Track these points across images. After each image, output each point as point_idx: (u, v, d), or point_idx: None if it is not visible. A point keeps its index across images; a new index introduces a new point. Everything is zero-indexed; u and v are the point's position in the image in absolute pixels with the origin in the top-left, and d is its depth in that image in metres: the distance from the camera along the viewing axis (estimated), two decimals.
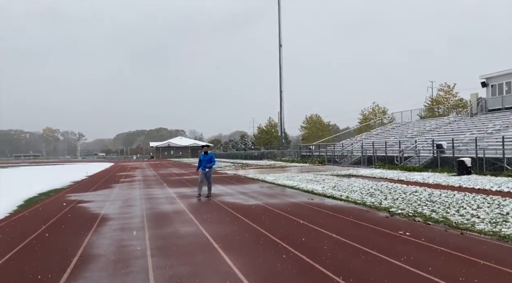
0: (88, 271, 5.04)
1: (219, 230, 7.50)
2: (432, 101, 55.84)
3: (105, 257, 5.73)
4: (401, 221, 7.89)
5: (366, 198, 11.08)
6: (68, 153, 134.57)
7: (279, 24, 52.36)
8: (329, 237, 6.66)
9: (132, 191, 15.58)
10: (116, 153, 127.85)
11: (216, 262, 5.34)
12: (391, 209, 9.20)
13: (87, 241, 6.80)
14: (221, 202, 11.48)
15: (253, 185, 16.92)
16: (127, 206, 11.32)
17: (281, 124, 55.00)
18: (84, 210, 10.71)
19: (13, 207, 11.39)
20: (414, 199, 10.70)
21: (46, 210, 10.70)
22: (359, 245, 6.00)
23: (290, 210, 9.61)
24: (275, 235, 6.85)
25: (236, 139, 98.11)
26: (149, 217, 9.26)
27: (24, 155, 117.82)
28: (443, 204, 9.67)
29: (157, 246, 6.34)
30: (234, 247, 6.13)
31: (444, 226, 7.25)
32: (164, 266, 5.20)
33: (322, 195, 12.27)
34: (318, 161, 37.09)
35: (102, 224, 8.46)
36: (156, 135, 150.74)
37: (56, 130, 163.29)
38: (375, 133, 43.94)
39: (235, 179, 20.67)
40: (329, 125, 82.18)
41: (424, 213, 8.53)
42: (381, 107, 66.15)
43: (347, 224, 7.77)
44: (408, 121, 43.70)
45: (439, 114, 48.85)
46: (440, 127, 34.84)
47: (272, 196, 12.75)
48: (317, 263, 5.15)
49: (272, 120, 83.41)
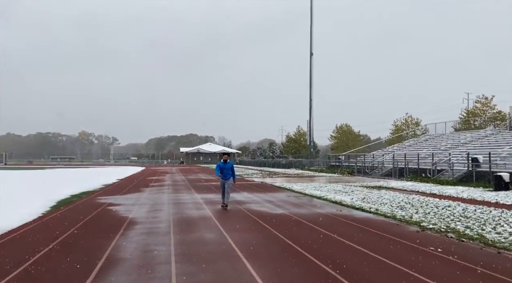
0: (112, 275, 5.08)
1: (243, 238, 7.43)
2: (468, 113, 54.08)
3: (130, 261, 5.77)
4: (432, 237, 7.58)
5: (396, 211, 10.75)
6: (102, 156, 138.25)
7: (311, 33, 52.29)
8: (356, 250, 6.46)
9: (161, 195, 15.77)
10: (147, 157, 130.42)
11: (239, 271, 5.27)
12: (422, 223, 8.88)
13: (113, 244, 6.89)
14: (247, 210, 11.42)
15: (280, 193, 16.79)
16: (155, 210, 11.44)
17: (310, 133, 54.62)
18: (113, 213, 10.90)
19: (46, 207, 11.73)
20: (447, 213, 10.29)
21: (76, 212, 10.96)
22: (387, 260, 5.79)
23: (317, 221, 9.44)
24: (300, 246, 6.72)
25: (264, 147, 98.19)
26: (176, 222, 9.31)
27: (60, 157, 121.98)
28: (478, 220, 9.25)
29: (182, 252, 6.34)
30: (258, 256, 6.04)
31: (479, 244, 6.91)
32: (187, 272, 5.18)
33: (351, 207, 12.01)
34: (347, 171, 36.52)
35: (129, 227, 8.57)
36: (186, 141, 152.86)
37: (91, 134, 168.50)
38: (407, 144, 42.92)
39: (262, 187, 20.59)
40: (359, 136, 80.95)
41: (457, 229, 8.17)
42: (414, 118, 64.67)
43: (375, 237, 7.54)
44: (442, 133, 42.47)
45: (475, 127, 47.21)
46: (476, 140, 33.64)
47: (299, 205, 12.58)
48: (342, 276, 4.99)
49: (301, 129, 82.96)
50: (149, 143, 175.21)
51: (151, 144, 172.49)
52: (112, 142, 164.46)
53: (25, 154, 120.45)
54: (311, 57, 52.36)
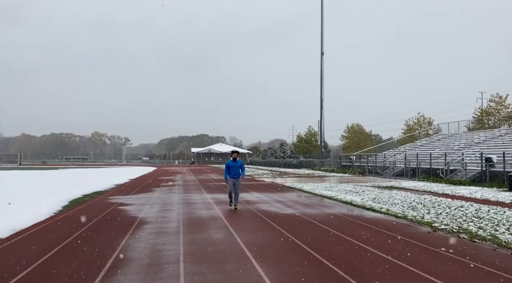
0: (121, 274, 5.11)
1: (253, 238, 7.42)
2: (481, 112, 53.27)
3: (139, 260, 5.80)
4: (444, 237, 7.47)
5: (407, 212, 10.63)
6: (114, 157, 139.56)
7: (322, 32, 52.04)
8: (365, 250, 6.40)
9: (171, 195, 15.84)
10: (159, 157, 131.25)
11: (248, 271, 5.26)
12: (434, 224, 8.76)
13: (123, 243, 6.93)
14: (256, 210, 11.41)
15: (290, 193, 16.74)
16: (165, 210, 11.49)
17: (321, 133, 54.39)
18: (123, 212, 10.98)
19: (58, 207, 11.87)
20: (460, 214, 10.15)
21: (88, 211, 11.06)
22: (398, 261, 5.72)
23: (327, 221, 9.38)
24: (309, 246, 6.68)
25: (275, 147, 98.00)
26: (185, 222, 9.33)
27: (74, 158, 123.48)
28: (491, 220, 9.09)
29: (191, 251, 6.35)
30: (267, 256, 6.02)
31: (492, 245, 6.79)
32: (196, 272, 5.18)
33: (361, 207, 11.91)
34: (358, 171, 36.28)
35: (139, 227, 8.62)
36: (197, 141, 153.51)
37: (103, 135, 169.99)
38: (420, 144, 42.47)
39: (272, 187, 20.55)
40: (371, 135, 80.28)
41: (470, 229, 8.05)
42: (427, 117, 63.93)
43: (385, 238, 7.46)
44: (455, 133, 41.92)
45: (489, 126, 46.47)
46: (490, 140, 33.13)
47: (309, 205, 12.53)
48: (351, 277, 4.94)
49: (311, 129, 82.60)
50: (161, 143, 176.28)
51: (163, 144, 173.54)
52: (124, 142, 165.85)
53: (39, 154, 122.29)
54: (321, 57, 52.12)
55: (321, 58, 52.10)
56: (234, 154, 11.72)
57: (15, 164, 76.97)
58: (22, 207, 11.29)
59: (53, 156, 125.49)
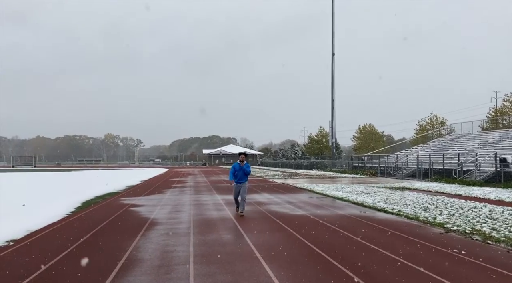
0: (131, 275, 5.15)
1: (263, 239, 7.42)
2: (496, 112, 52.46)
3: (150, 261, 5.84)
4: (456, 238, 7.37)
5: (419, 213, 10.52)
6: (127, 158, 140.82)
7: (332, 33, 51.84)
8: (376, 252, 6.35)
9: (182, 197, 15.92)
10: (171, 159, 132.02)
11: (257, 272, 5.26)
12: (446, 225, 8.65)
13: (134, 244, 6.99)
14: (267, 211, 11.40)
15: (301, 194, 16.69)
16: (176, 211, 11.56)
17: (332, 134, 54.11)
18: (135, 214, 11.07)
19: (71, 208, 12.02)
20: (473, 215, 10.00)
21: (100, 213, 11.18)
22: (408, 263, 5.66)
23: (338, 223, 9.33)
24: (320, 248, 6.65)
25: (286, 148, 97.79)
26: (196, 223, 9.38)
27: (87, 160, 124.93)
28: (505, 222, 8.95)
29: (201, 252, 6.37)
30: (277, 257, 6.01)
31: (506, 247, 6.68)
32: (205, 273, 5.20)
33: (373, 208, 11.82)
34: (370, 172, 36.01)
35: (150, 228, 8.68)
36: (209, 142, 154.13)
37: (116, 137, 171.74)
38: (432, 145, 42.02)
39: (283, 188, 20.52)
40: (383, 136, 79.68)
41: (483, 231, 7.93)
42: (440, 117, 63.24)
43: (397, 239, 7.39)
44: (468, 133, 41.39)
45: (503, 126, 45.72)
46: (504, 140, 32.61)
47: (320, 206, 12.48)
48: (362, 279, 4.91)
49: (323, 129, 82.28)
50: (173, 145, 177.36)
51: (174, 145, 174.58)
52: (136, 144, 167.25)
53: (53, 156, 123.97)
54: (332, 57, 51.90)
55: (332, 59, 51.89)
56: (242, 156, 10.52)
57: (30, 165, 78.21)
58: (36, 208, 11.47)
59: (67, 157, 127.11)
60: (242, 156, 10.49)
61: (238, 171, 10.37)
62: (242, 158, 10.45)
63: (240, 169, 10.36)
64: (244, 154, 10.66)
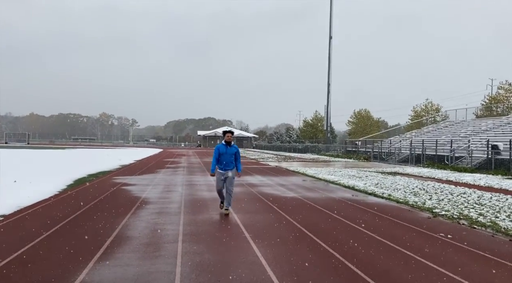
0: (120, 252, 5.19)
1: (252, 219, 7.48)
2: (490, 99, 52.60)
3: (139, 239, 5.88)
4: (444, 223, 7.48)
5: (409, 197, 10.63)
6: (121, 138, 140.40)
7: (330, 16, 51.31)
8: (365, 234, 6.43)
9: (175, 177, 15.95)
10: (165, 139, 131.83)
11: (245, 252, 5.31)
12: (435, 210, 8.76)
13: (124, 222, 7.02)
14: (258, 193, 11.47)
15: (294, 177, 16.78)
16: (168, 191, 11.59)
17: (327, 118, 54.14)
18: (126, 192, 11.09)
19: (63, 186, 12.01)
20: (461, 200, 10.13)
21: (91, 191, 11.19)
22: (393, 244, 5.75)
23: (328, 205, 9.42)
24: (308, 229, 6.72)
25: (281, 132, 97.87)
26: (187, 203, 9.42)
27: (81, 138, 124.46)
28: (492, 208, 9.07)
29: (190, 232, 6.42)
30: (265, 238, 6.07)
31: (491, 231, 6.79)
32: (194, 252, 5.25)
33: (364, 192, 11.92)
34: (363, 157, 36.20)
35: (141, 207, 8.71)
36: (204, 124, 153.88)
37: (111, 116, 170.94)
38: (426, 131, 42.20)
39: (276, 170, 20.61)
40: (378, 121, 79.86)
41: (470, 216, 8.04)
42: (435, 104, 63.38)
43: (384, 222, 7.48)
44: (462, 120, 41.56)
45: (497, 113, 45.93)
46: (497, 127, 32.81)
47: (311, 189, 12.56)
48: (347, 260, 4.98)
49: (318, 113, 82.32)
50: (168, 126, 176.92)
51: (169, 126, 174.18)
52: (131, 124, 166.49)
53: (47, 134, 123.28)
54: (330, 41, 51.50)
55: (329, 42, 51.52)
56: (228, 135, 8.07)
57: (23, 143, 77.75)
58: (27, 185, 11.44)
59: (61, 135, 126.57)
60: (229, 135, 8.06)
61: (224, 155, 7.99)
62: (229, 137, 8.06)
63: (226, 152, 8.00)
64: (230, 132, 8.18)
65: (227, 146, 8.01)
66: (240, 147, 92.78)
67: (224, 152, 7.99)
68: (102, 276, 4.25)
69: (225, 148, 8.00)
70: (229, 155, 8.01)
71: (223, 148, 8.01)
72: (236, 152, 8.12)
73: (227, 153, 7.99)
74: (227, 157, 8.00)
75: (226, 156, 7.99)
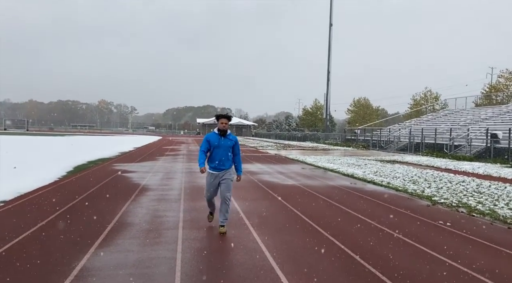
0: (120, 238, 5.21)
1: (252, 207, 7.51)
2: (490, 88, 52.44)
3: (139, 225, 5.90)
4: (443, 211, 7.52)
5: (408, 185, 10.67)
6: (120, 125, 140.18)
7: (331, 3, 50.81)
8: (363, 222, 6.47)
9: (175, 164, 15.97)
10: (165, 127, 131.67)
11: (245, 238, 5.34)
12: (434, 197, 8.79)
13: (124, 209, 7.04)
14: (258, 180, 11.49)
15: (293, 165, 16.81)
16: (168, 178, 11.61)
17: (327, 106, 54.04)
18: (126, 179, 11.11)
19: (62, 172, 12.02)
20: (460, 188, 10.17)
21: (91, 177, 11.20)
22: (392, 231, 5.78)
23: (327, 193, 9.45)
24: (307, 216, 6.75)
25: (281, 120, 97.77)
26: (187, 190, 9.44)
27: (80, 125, 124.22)
28: (491, 196, 9.12)
29: (190, 218, 6.44)
30: (265, 224, 6.10)
31: (490, 219, 6.83)
32: (194, 238, 5.28)
33: (363, 180, 11.96)
34: (362, 145, 36.24)
35: (141, 194, 8.73)
36: (203, 112, 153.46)
37: (110, 103, 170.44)
38: (425, 119, 42.18)
39: (275, 158, 20.63)
40: (377, 110, 79.72)
41: (469, 204, 8.08)
42: (434, 92, 63.18)
43: (384, 210, 7.52)
44: (462, 108, 41.51)
45: (497, 102, 45.86)
46: (497, 116, 32.78)
47: (311, 177, 12.59)
48: (346, 247, 5.01)
49: (317, 102, 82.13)
50: (167, 113, 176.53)
51: (169, 114, 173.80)
52: (130, 111, 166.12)
53: (46, 120, 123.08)
54: (330, 28, 51.10)
55: (330, 29, 51.11)
56: (223, 121, 5.61)
57: (22, 129, 77.64)
58: (27, 171, 11.45)
59: (60, 122, 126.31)
60: (224, 121, 5.59)
61: (216, 149, 5.63)
62: (224, 124, 5.60)
63: (222, 145, 5.62)
64: (226, 117, 5.65)
65: (221, 136, 5.62)
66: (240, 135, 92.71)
67: (216, 145, 5.59)
68: (103, 262, 4.28)
69: (218, 139, 5.60)
70: (224, 149, 5.62)
71: (215, 138, 5.61)
72: (235, 144, 5.74)
73: (221, 146, 5.60)
74: (221, 151, 5.61)
75: (220, 150, 5.61)
